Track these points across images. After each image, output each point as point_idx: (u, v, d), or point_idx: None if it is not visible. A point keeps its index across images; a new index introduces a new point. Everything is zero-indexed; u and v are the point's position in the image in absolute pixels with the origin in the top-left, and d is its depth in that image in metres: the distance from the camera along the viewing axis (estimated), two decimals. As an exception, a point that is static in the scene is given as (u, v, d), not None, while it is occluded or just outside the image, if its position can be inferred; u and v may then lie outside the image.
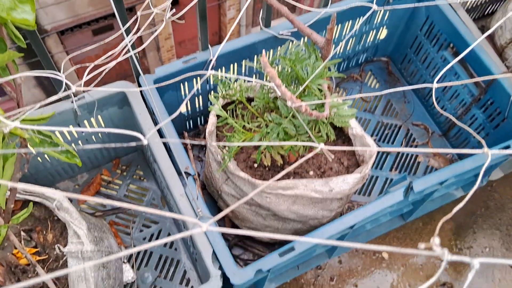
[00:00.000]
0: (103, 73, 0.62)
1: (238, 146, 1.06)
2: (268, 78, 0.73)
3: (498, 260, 0.37)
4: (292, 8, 6.55)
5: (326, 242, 0.37)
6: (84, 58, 5.50)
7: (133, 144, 0.40)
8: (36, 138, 0.70)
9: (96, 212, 1.42)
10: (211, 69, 1.29)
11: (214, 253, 1.08)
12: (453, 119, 0.59)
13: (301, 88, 0.99)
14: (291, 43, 1.33)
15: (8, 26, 0.70)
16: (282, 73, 1.05)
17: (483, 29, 1.64)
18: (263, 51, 0.59)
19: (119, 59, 0.66)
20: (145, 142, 0.42)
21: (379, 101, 1.69)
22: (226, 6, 6.44)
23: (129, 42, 0.75)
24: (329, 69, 1.06)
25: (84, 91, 0.55)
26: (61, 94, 0.53)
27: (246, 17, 6.57)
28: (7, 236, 0.88)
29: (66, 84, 0.55)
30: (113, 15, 5.62)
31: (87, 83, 0.94)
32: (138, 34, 0.65)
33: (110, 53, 0.64)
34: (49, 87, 5.68)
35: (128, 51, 0.79)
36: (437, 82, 1.56)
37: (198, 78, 1.32)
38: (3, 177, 0.73)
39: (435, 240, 0.38)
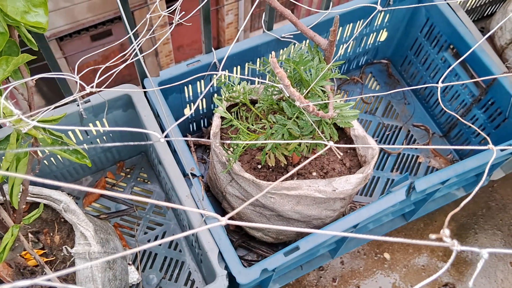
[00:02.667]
0: (114, 74, 0.64)
1: (243, 148, 1.07)
2: (276, 79, 0.75)
3: (506, 250, 0.38)
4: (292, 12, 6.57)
5: (346, 234, 0.39)
6: (82, 64, 5.52)
7: (149, 142, 0.42)
8: (48, 138, 0.71)
9: (101, 215, 1.43)
10: (215, 71, 1.31)
11: (220, 253, 1.09)
12: (457, 116, 0.61)
13: (305, 91, 1.01)
14: (293, 45, 1.35)
15: (21, 29, 0.72)
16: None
17: (482, 31, 1.66)
18: (273, 53, 0.61)
19: (129, 61, 0.67)
20: (162, 140, 0.44)
21: (379, 103, 1.71)
22: (224, 11, 6.46)
23: (137, 45, 0.76)
24: (332, 71, 1.07)
25: (96, 92, 0.56)
26: (76, 95, 0.55)
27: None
28: (18, 237, 0.89)
29: (80, 85, 0.56)
30: (111, 20, 5.64)
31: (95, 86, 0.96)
32: (148, 36, 0.67)
33: (120, 55, 0.66)
34: (48, 93, 5.69)
35: (136, 54, 0.81)
36: (437, 83, 1.58)
37: (202, 81, 1.33)
38: (15, 178, 0.75)
39: (445, 232, 0.39)
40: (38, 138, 0.70)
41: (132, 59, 0.67)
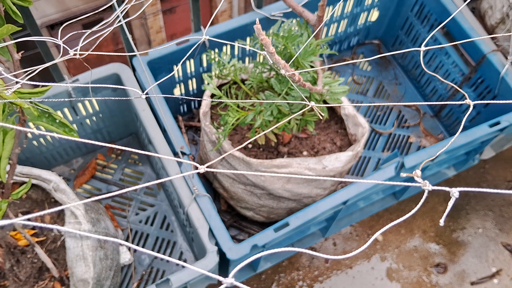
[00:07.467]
0: (99, 40, 0.63)
1: (232, 125, 1.07)
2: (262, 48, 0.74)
3: (477, 189, 0.38)
4: None
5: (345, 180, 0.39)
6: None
7: (131, 97, 0.42)
8: (35, 110, 0.71)
9: (92, 196, 1.43)
10: (205, 49, 1.31)
11: (210, 230, 1.10)
12: (429, 72, 0.61)
13: (291, 61, 1.01)
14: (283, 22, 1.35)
15: (6, 2, 0.71)
16: (275, 52, 1.06)
17: (473, 11, 1.66)
18: (257, 19, 0.61)
19: (115, 25, 0.67)
20: (143, 96, 0.44)
21: (371, 83, 1.70)
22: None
23: (121, 12, 0.76)
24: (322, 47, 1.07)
25: (80, 55, 0.56)
26: (59, 60, 0.54)
27: (238, 9, 6.57)
28: (7, 213, 0.89)
29: (63, 48, 0.56)
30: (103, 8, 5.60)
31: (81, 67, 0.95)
32: (132, 3, 0.66)
33: (104, 21, 0.66)
34: (41, 82, 5.65)
35: (122, 25, 0.80)
36: (428, 63, 1.58)
37: (192, 60, 1.33)
38: (3, 151, 0.74)
39: (417, 172, 0.40)
40: (24, 109, 0.70)
41: (117, 23, 0.67)
